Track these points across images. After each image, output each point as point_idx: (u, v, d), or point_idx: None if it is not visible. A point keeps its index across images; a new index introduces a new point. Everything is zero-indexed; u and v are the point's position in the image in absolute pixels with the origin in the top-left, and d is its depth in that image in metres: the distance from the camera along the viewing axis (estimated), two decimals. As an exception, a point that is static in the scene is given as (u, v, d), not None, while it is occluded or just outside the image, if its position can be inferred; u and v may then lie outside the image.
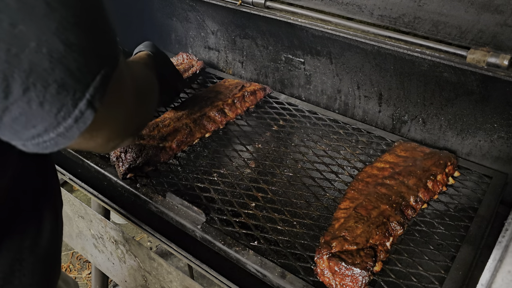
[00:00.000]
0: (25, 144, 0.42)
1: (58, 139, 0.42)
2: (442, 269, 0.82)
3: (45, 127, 0.40)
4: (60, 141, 0.42)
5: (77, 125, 0.41)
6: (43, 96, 0.38)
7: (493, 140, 1.07)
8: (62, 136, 0.41)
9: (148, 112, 0.68)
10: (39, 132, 0.40)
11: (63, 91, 0.39)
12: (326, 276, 0.81)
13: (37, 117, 0.39)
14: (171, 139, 1.11)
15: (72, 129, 0.41)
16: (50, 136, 0.41)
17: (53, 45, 0.38)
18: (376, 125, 1.28)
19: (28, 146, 0.42)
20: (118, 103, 0.50)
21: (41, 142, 0.41)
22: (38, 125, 0.40)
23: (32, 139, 0.41)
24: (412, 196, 0.95)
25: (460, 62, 0.91)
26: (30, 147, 0.42)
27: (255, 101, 1.34)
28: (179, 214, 0.95)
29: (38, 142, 0.41)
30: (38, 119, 0.39)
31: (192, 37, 1.64)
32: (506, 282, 0.51)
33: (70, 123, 0.41)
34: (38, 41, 0.37)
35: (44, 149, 0.43)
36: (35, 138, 0.41)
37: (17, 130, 0.40)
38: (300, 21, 1.13)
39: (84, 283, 2.13)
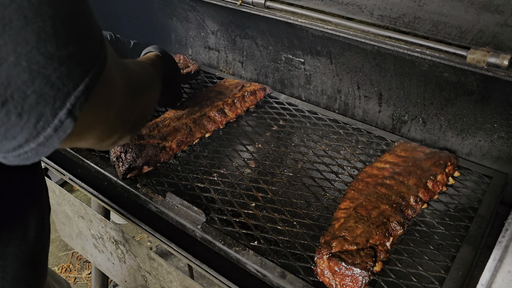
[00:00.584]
0: (6, 156, 0.41)
1: (39, 148, 0.41)
2: (442, 269, 0.82)
3: (25, 137, 0.40)
4: (41, 151, 0.41)
5: (57, 134, 0.41)
6: (21, 107, 0.38)
7: (493, 140, 1.07)
8: (43, 145, 0.41)
9: (145, 110, 0.66)
10: (20, 143, 0.40)
11: (42, 101, 0.39)
12: (326, 276, 0.81)
13: (17, 127, 0.39)
14: (171, 139, 1.11)
15: (52, 138, 0.41)
16: (31, 146, 0.40)
17: (33, 57, 0.37)
18: (376, 125, 1.28)
19: (9, 158, 0.41)
20: (105, 106, 0.49)
21: (22, 153, 0.41)
22: (18, 136, 0.39)
23: (13, 150, 0.40)
24: (412, 196, 0.95)
25: (460, 62, 0.91)
26: (11, 159, 0.41)
27: (255, 101, 1.34)
28: (179, 214, 0.95)
29: (19, 153, 0.41)
30: (18, 130, 0.39)
31: (192, 37, 1.64)
32: (506, 282, 0.51)
33: (49, 132, 0.40)
34: (17, 55, 0.37)
35: (26, 160, 0.42)
36: (16, 149, 0.40)
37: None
38: (300, 21, 1.13)
39: (84, 283, 2.13)
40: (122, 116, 0.55)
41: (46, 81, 0.38)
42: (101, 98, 0.46)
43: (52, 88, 0.39)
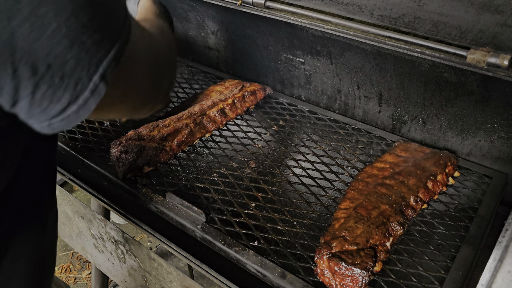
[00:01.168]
0: (51, 123, 0.45)
1: (80, 111, 0.45)
2: (442, 269, 0.82)
3: (68, 100, 0.44)
4: (81, 113, 0.45)
5: (93, 97, 0.45)
6: (62, 71, 0.42)
7: (493, 140, 1.07)
8: (82, 108, 0.45)
9: (172, 69, 0.69)
10: (64, 106, 0.44)
11: (79, 66, 0.43)
12: (326, 276, 0.81)
13: (60, 90, 0.43)
14: (171, 139, 1.11)
15: (89, 101, 0.45)
16: (73, 109, 0.45)
17: (71, 25, 0.41)
18: (376, 125, 1.28)
19: (54, 124, 0.45)
20: (134, 74, 0.53)
21: (66, 116, 0.45)
22: (62, 98, 0.43)
23: (58, 114, 0.44)
24: (412, 196, 0.95)
25: (460, 62, 0.91)
26: (56, 125, 0.46)
27: (255, 101, 1.34)
28: (179, 214, 0.95)
29: (63, 117, 0.45)
30: (61, 92, 0.43)
31: (192, 37, 1.64)
32: (506, 282, 0.51)
33: (87, 95, 0.44)
34: (58, 22, 0.40)
35: (68, 124, 0.46)
36: (61, 113, 0.44)
37: (45, 108, 0.44)
38: (300, 21, 1.13)
39: (84, 283, 2.13)
40: (153, 84, 0.59)
41: (82, 48, 0.42)
42: (129, 67, 0.50)
43: (87, 54, 0.43)
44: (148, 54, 0.57)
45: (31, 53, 0.40)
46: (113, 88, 0.47)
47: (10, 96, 0.42)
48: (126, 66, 0.49)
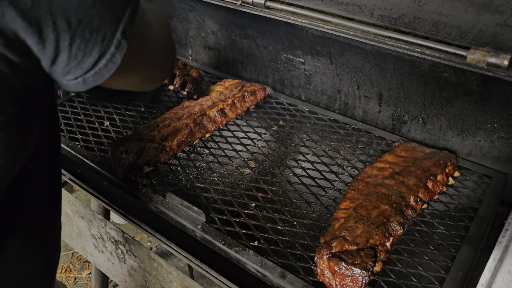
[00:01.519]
0: (85, 78, 0.49)
1: (108, 65, 0.49)
2: (442, 269, 0.82)
3: (98, 53, 0.48)
4: (110, 67, 0.50)
5: (118, 52, 0.49)
6: (91, 26, 0.46)
7: (493, 140, 1.07)
8: (110, 62, 0.49)
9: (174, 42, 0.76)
10: (95, 59, 0.48)
11: (103, 23, 0.47)
12: (326, 276, 0.81)
13: (91, 43, 0.47)
14: (171, 139, 1.11)
15: (115, 56, 0.49)
16: (102, 62, 0.49)
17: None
18: (376, 125, 1.28)
19: (88, 78, 0.50)
20: (148, 37, 0.58)
21: (98, 70, 0.49)
22: (93, 52, 0.48)
23: (91, 68, 0.49)
24: (412, 196, 0.95)
25: (460, 62, 0.91)
26: (90, 80, 0.50)
27: (255, 101, 1.33)
28: (179, 214, 0.95)
29: (96, 71, 0.49)
30: (92, 45, 0.47)
31: (192, 37, 1.64)
32: (506, 282, 0.51)
33: (112, 50, 0.49)
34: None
35: (100, 78, 0.50)
36: (93, 66, 0.49)
37: (80, 60, 0.48)
38: (300, 21, 1.13)
39: (84, 283, 2.13)
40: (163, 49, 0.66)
41: (103, 6, 0.47)
42: (143, 29, 0.56)
43: (108, 12, 0.47)
44: (158, 21, 0.64)
45: (64, 8, 0.44)
46: (133, 47, 0.52)
47: (53, 47, 0.45)
48: (141, 27, 0.54)
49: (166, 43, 0.69)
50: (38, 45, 0.45)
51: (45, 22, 0.43)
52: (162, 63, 0.70)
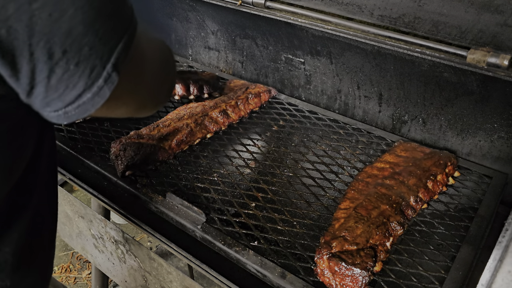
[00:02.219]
0: (67, 111, 0.46)
1: (95, 98, 0.46)
2: (442, 269, 0.82)
3: (83, 86, 0.44)
4: (96, 100, 0.46)
5: (107, 85, 0.46)
6: (78, 57, 0.43)
7: (493, 140, 1.07)
8: (97, 95, 0.46)
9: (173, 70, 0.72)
10: (79, 92, 0.45)
11: (93, 53, 0.44)
12: (326, 276, 0.81)
13: (76, 76, 0.44)
14: (171, 138, 1.11)
15: (103, 89, 0.46)
16: (87, 96, 0.45)
17: (87, 11, 0.42)
18: (376, 125, 1.28)
19: (70, 112, 0.46)
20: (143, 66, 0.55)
21: (81, 103, 0.45)
22: (78, 84, 0.44)
23: (74, 101, 0.45)
24: (412, 196, 0.95)
25: (460, 62, 0.91)
26: (72, 113, 0.46)
27: (259, 104, 1.33)
28: (179, 214, 0.95)
29: (79, 104, 0.45)
30: (76, 79, 0.44)
31: (192, 37, 1.64)
32: (506, 282, 0.51)
33: (101, 83, 0.45)
34: (75, 8, 0.41)
35: (84, 112, 0.46)
36: (77, 99, 0.45)
37: (61, 93, 0.44)
38: (300, 21, 1.13)
39: (84, 283, 2.13)
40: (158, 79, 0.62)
41: (96, 35, 0.44)
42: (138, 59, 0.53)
43: (100, 41, 0.44)
44: (154, 49, 0.60)
45: (48, 38, 0.41)
46: (124, 79, 0.48)
47: (27, 80, 0.42)
48: (135, 57, 0.51)
49: (163, 71, 0.65)
50: (11, 77, 0.42)
51: (20, 53, 0.41)
52: (157, 92, 0.65)
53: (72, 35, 0.42)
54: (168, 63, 0.69)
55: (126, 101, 0.56)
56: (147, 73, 0.58)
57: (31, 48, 0.41)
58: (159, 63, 0.64)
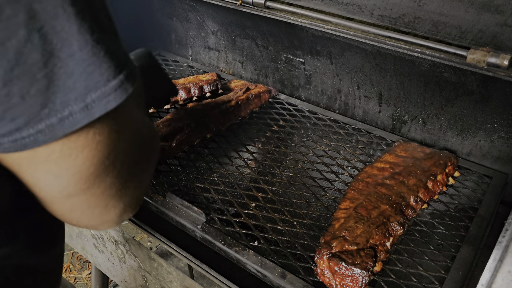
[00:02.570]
0: (2, 142, 0.37)
1: (38, 136, 0.37)
2: (442, 269, 0.82)
3: (25, 121, 0.36)
4: (40, 138, 0.37)
5: (62, 125, 0.37)
6: (27, 91, 0.35)
7: (493, 140, 1.07)
8: (42, 133, 0.37)
9: (151, 161, 0.55)
10: (18, 126, 0.36)
11: (53, 88, 0.36)
12: (326, 276, 0.81)
13: (17, 110, 0.36)
14: (171, 139, 1.11)
15: (55, 128, 0.37)
16: (29, 132, 0.37)
17: (47, 35, 0.34)
18: (376, 125, 1.28)
19: (5, 144, 0.37)
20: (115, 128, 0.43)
21: (19, 138, 0.37)
22: (17, 119, 0.36)
23: (10, 134, 0.36)
24: (412, 196, 0.95)
25: (460, 62, 0.91)
26: (6, 145, 0.37)
27: (259, 104, 1.33)
28: (179, 214, 0.95)
29: (16, 138, 0.37)
30: (18, 113, 0.36)
31: (192, 37, 1.64)
32: (506, 282, 0.51)
33: (53, 121, 0.37)
34: (28, 30, 0.33)
35: (22, 147, 0.38)
36: (13, 133, 0.36)
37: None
38: (300, 21, 1.13)
39: (84, 283, 2.13)
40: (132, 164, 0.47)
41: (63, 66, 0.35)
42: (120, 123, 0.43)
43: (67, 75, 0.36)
44: (135, 126, 0.47)
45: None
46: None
47: None
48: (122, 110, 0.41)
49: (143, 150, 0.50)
50: None
51: None
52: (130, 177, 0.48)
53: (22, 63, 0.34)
54: (151, 145, 0.53)
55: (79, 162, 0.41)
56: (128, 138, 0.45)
57: None
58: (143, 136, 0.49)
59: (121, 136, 0.43)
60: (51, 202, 0.44)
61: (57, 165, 0.40)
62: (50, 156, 0.39)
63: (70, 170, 0.40)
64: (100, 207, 0.45)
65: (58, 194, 0.43)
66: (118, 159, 0.44)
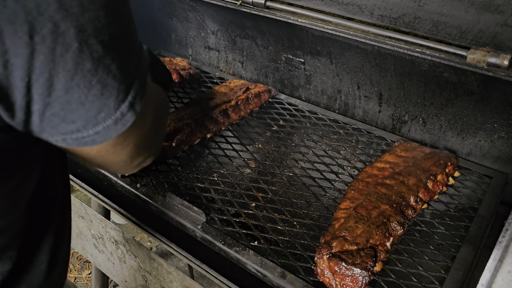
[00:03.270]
0: (65, 138, 0.43)
1: (95, 137, 0.43)
2: (442, 269, 0.82)
3: (83, 124, 0.41)
4: (97, 139, 0.43)
5: (116, 127, 0.43)
6: (85, 96, 0.40)
7: (493, 140, 1.07)
8: (99, 134, 0.43)
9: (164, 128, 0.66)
10: (78, 128, 0.42)
11: (106, 92, 0.41)
12: (326, 276, 0.81)
13: (77, 114, 0.40)
14: (171, 139, 1.11)
15: (110, 129, 0.43)
16: (89, 133, 0.42)
17: (93, 45, 0.39)
18: (376, 125, 1.28)
19: (68, 140, 0.43)
20: (146, 113, 0.50)
21: (80, 137, 0.43)
22: (77, 122, 0.41)
23: (71, 133, 0.42)
24: (412, 196, 0.95)
25: (460, 62, 0.91)
26: (70, 141, 0.43)
27: (259, 103, 1.33)
28: (179, 214, 0.95)
29: (77, 137, 0.43)
30: (77, 116, 0.41)
31: (192, 37, 1.64)
32: (506, 282, 0.51)
33: (109, 123, 0.43)
34: (79, 41, 0.38)
35: (84, 144, 0.44)
36: (74, 133, 0.42)
37: (56, 124, 0.41)
38: (300, 21, 1.13)
39: (84, 283, 2.13)
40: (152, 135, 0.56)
41: (108, 71, 0.40)
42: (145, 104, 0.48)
43: (114, 79, 0.41)
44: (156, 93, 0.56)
45: (50, 74, 0.37)
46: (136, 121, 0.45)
47: (22, 114, 0.39)
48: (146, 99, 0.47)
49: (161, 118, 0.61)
50: (5, 112, 0.39)
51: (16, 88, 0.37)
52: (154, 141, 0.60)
53: (80, 72, 0.38)
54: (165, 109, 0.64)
55: (122, 149, 0.50)
56: (152, 118, 0.54)
57: (29, 84, 0.37)
58: (160, 108, 0.59)
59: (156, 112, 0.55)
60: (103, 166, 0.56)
61: (113, 153, 0.49)
62: (106, 147, 0.46)
63: (124, 152, 0.50)
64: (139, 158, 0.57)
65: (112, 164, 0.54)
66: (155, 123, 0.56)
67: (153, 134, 0.57)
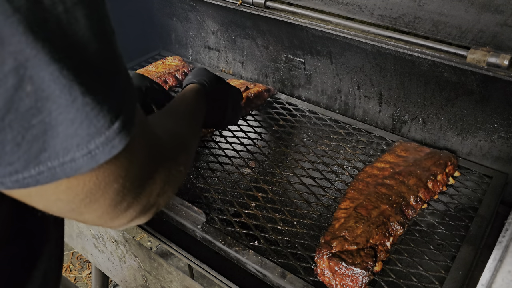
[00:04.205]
0: (3, 181, 0.36)
1: (39, 177, 0.36)
2: (443, 269, 0.82)
3: (23, 166, 0.35)
4: (41, 180, 0.37)
5: (63, 169, 0.37)
6: (22, 137, 0.34)
7: (493, 140, 1.07)
8: (43, 175, 0.36)
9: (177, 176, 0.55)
10: (17, 169, 0.36)
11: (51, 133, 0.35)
12: (326, 276, 0.81)
13: (14, 156, 0.35)
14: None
15: (56, 171, 0.37)
16: (31, 173, 0.36)
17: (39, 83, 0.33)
18: (376, 125, 1.28)
19: (6, 182, 0.36)
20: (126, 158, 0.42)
21: (21, 179, 0.36)
22: (16, 163, 0.35)
23: (10, 175, 0.36)
24: (412, 196, 0.95)
25: (460, 62, 0.91)
26: (9, 184, 0.37)
27: (259, 103, 1.33)
28: (179, 214, 0.95)
29: (17, 179, 0.36)
30: (15, 159, 0.35)
31: (192, 37, 1.64)
32: (506, 282, 0.51)
33: (55, 164, 0.36)
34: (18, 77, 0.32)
35: (25, 186, 0.37)
36: (13, 175, 0.36)
37: None
38: (300, 21, 1.13)
39: (84, 283, 2.13)
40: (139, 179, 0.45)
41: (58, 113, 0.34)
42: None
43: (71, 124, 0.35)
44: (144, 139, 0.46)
45: None
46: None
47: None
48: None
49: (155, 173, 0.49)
50: None
51: None
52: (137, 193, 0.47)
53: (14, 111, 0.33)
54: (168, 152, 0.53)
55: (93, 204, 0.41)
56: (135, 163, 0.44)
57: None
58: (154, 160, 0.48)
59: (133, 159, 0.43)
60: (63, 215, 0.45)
61: (66, 194, 0.40)
62: (57, 188, 0.39)
63: (79, 196, 0.40)
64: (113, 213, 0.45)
65: (69, 213, 0.43)
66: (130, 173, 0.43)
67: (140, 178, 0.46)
